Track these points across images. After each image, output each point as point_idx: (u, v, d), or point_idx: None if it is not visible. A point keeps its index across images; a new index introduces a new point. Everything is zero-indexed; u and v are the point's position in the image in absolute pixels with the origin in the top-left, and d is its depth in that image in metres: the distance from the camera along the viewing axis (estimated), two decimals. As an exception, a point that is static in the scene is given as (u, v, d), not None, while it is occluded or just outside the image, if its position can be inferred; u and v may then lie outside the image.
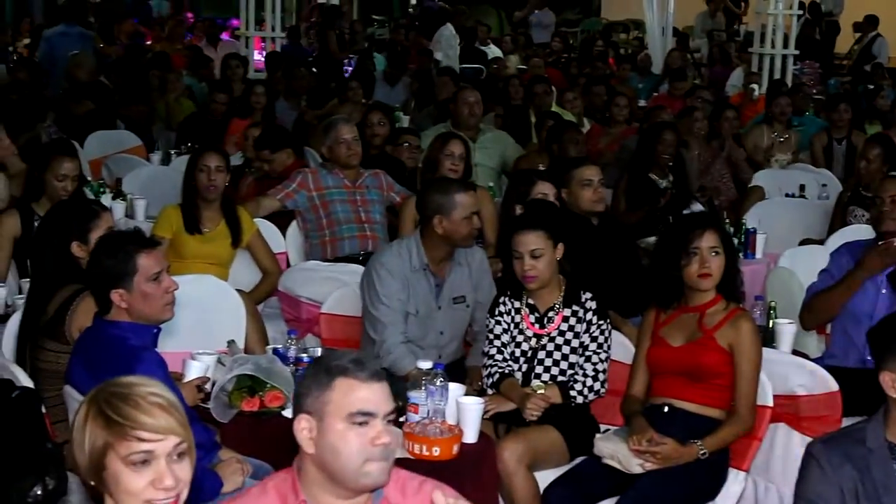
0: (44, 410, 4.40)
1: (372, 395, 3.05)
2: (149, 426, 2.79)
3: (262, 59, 15.13)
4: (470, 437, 4.58)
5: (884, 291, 5.73)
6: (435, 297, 5.65)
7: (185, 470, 2.85)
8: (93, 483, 2.85)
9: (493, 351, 5.26)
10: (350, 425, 3.02)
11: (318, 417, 3.05)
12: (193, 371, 4.86)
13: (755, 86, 14.69)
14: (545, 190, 6.33)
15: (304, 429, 3.08)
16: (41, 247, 5.24)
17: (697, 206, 8.18)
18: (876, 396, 3.87)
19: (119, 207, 7.97)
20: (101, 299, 4.40)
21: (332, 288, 6.15)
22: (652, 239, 6.81)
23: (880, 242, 5.71)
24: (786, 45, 15.58)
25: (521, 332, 5.25)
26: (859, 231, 7.10)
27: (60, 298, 4.94)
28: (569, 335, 5.20)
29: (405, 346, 5.48)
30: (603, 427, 5.20)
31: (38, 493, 3.57)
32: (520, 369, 5.23)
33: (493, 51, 18.21)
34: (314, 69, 14.21)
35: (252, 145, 8.54)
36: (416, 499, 3.17)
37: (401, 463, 3.86)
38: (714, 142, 10.10)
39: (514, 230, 5.29)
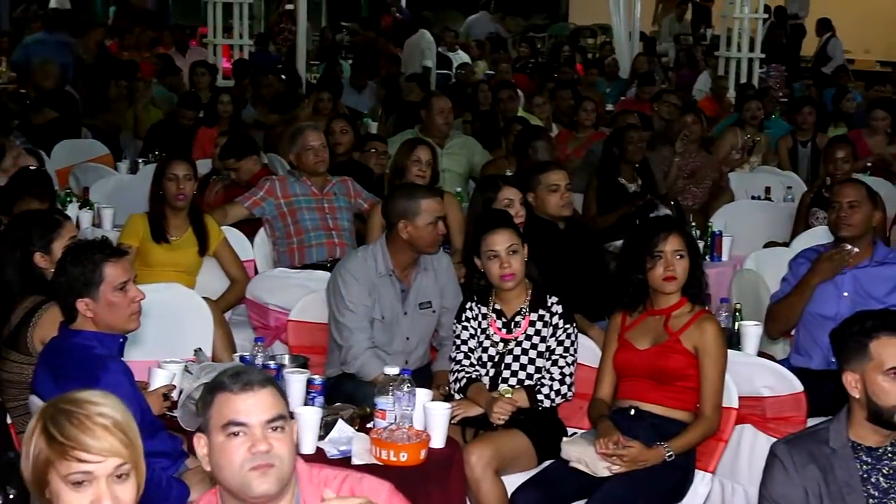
0: (8, 421, 4.38)
1: (243, 406, 3.06)
2: (88, 447, 2.77)
3: (230, 66, 15.10)
4: (437, 442, 4.58)
5: (846, 294, 5.78)
6: (401, 303, 5.65)
7: (126, 491, 2.82)
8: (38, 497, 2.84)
9: (461, 356, 5.26)
10: (227, 437, 3.06)
11: (207, 434, 3.12)
12: (159, 379, 4.85)
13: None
14: (511, 195, 6.33)
15: (201, 447, 3.14)
16: (2, 258, 5.20)
17: (664, 210, 8.21)
18: (840, 397, 3.90)
19: (86, 216, 7.94)
20: (66, 308, 4.39)
21: (299, 295, 6.14)
22: (619, 243, 6.82)
23: (832, 249, 5.77)
24: (752, 49, 15.66)
25: (488, 337, 5.26)
26: (822, 233, 7.13)
27: (22, 310, 4.92)
28: (535, 339, 5.21)
29: (372, 352, 5.48)
30: (570, 430, 5.21)
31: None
32: (487, 374, 5.24)
33: (461, 56, 18.23)
34: (283, 76, 14.17)
35: (217, 154, 8.53)
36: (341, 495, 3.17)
37: (368, 469, 3.88)
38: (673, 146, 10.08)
39: (484, 232, 5.29)
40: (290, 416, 3.17)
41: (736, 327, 5.87)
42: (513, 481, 4.91)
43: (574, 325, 5.27)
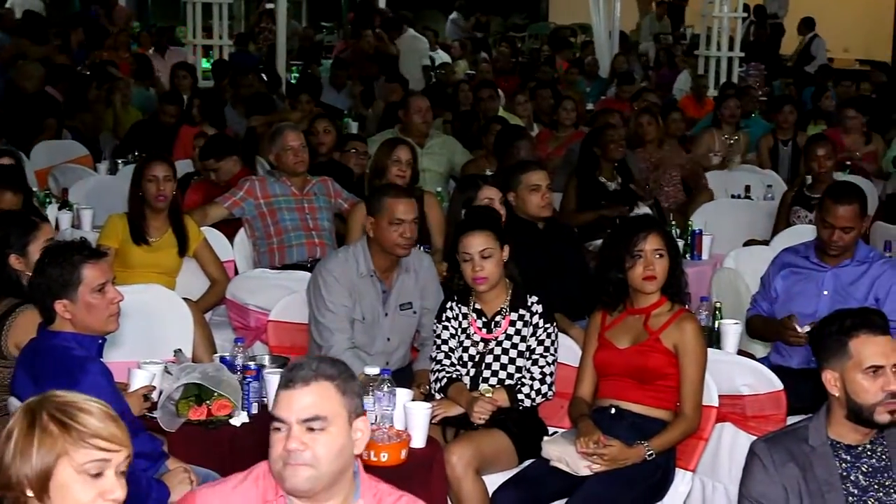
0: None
1: (284, 402, 3.10)
2: (108, 435, 2.78)
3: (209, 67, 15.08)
4: (418, 441, 4.59)
5: (826, 293, 5.80)
6: (382, 304, 5.66)
7: (124, 486, 2.83)
8: (26, 496, 2.80)
9: (441, 356, 5.27)
10: (272, 431, 3.10)
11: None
12: (139, 380, 4.84)
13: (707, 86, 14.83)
14: (490, 195, 6.34)
15: None
16: None
17: (643, 209, 8.22)
18: (820, 395, 3.91)
19: (65, 217, 7.91)
20: (44, 310, 4.37)
21: (280, 295, 6.13)
22: (598, 242, 6.83)
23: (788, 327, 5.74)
24: (731, 48, 15.69)
25: (468, 336, 5.27)
26: (804, 231, 7.16)
27: None
28: (516, 339, 5.21)
29: (352, 352, 5.48)
30: (551, 430, 5.22)
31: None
32: (467, 374, 5.24)
33: (441, 56, 18.23)
34: (263, 76, 14.16)
35: (197, 155, 8.51)
36: None
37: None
38: (664, 145, 10.12)
39: (460, 233, 5.31)
40: (355, 414, 3.13)
41: (716, 326, 5.88)
42: (494, 481, 4.91)
43: (554, 324, 5.28)
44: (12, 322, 4.81)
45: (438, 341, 5.30)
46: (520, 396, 5.16)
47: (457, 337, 5.28)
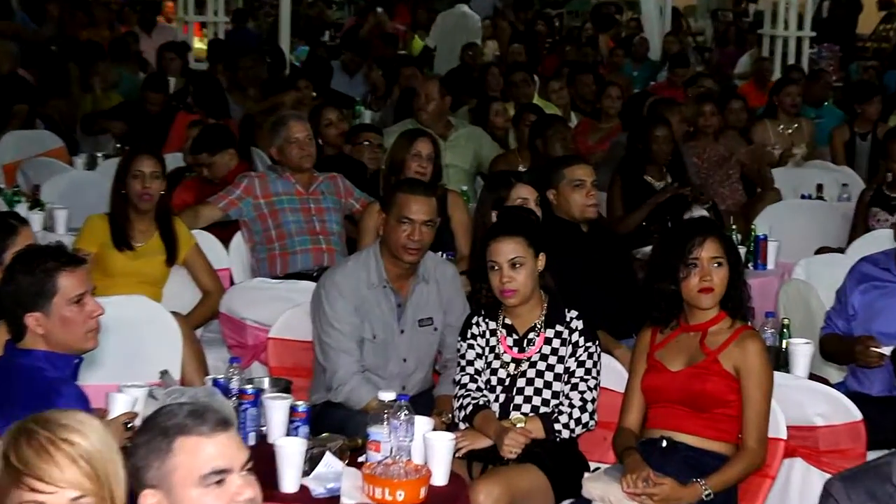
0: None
1: (221, 449, 3.01)
2: (42, 474, 2.75)
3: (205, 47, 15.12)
4: (439, 478, 4.57)
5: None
6: (396, 319, 5.64)
7: None
8: None
9: (466, 379, 5.25)
10: (205, 489, 2.99)
11: (167, 490, 3.00)
12: (120, 406, 4.81)
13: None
14: (525, 194, 6.32)
15: None
16: None
17: (699, 211, 8.20)
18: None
19: (37, 219, 7.91)
20: (13, 324, 4.37)
21: (281, 309, 6.13)
22: (648, 249, 6.81)
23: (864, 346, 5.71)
24: (800, 26, 15.64)
25: (497, 356, 5.25)
26: (883, 238, 7.11)
27: None
28: (552, 360, 5.20)
29: (361, 377, 5.47)
30: (592, 465, 5.21)
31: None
32: (496, 400, 5.22)
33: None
34: (267, 58, 14.18)
35: (189, 148, 8.52)
36: None
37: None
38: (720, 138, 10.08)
39: (489, 238, 5.29)
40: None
41: (783, 346, 5.86)
42: (527, 523, 4.90)
43: (597, 343, 5.26)
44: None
45: (463, 362, 5.29)
46: (557, 426, 5.14)
47: (484, 357, 5.27)
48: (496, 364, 5.25)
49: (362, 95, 13.92)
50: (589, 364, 5.20)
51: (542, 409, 5.17)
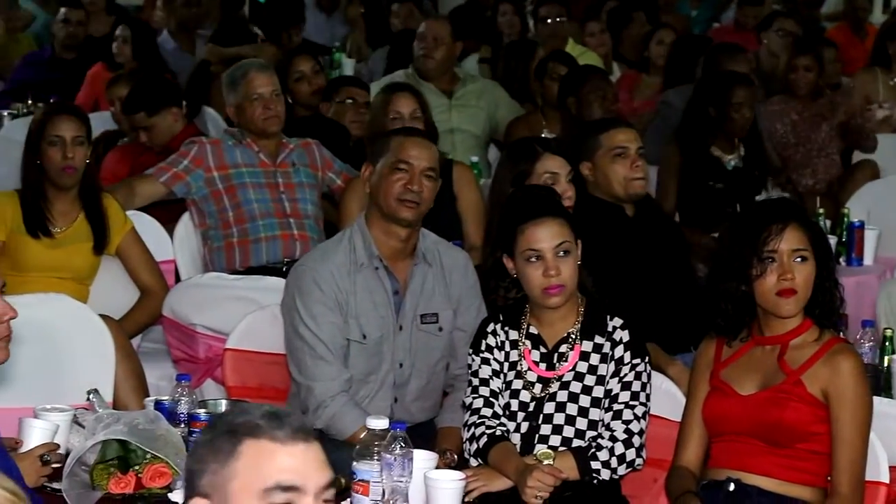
0: None
1: (294, 462, 3.03)
2: None
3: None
4: (444, 529, 4.61)
5: None
6: (394, 312, 5.63)
7: None
8: None
9: (479, 403, 5.27)
10: None
11: (220, 500, 3.02)
12: (36, 436, 4.85)
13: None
14: (554, 167, 6.28)
15: None
16: None
17: (776, 191, 8.21)
18: None
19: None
20: None
21: (241, 312, 6.16)
22: (712, 238, 6.83)
23: None
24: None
25: (519, 375, 5.27)
26: None
27: None
28: (589, 380, 5.21)
29: (346, 397, 5.48)
30: (640, 514, 5.24)
31: None
32: (518, 429, 5.24)
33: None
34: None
35: (120, 108, 8.55)
36: None
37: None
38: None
39: (522, 221, 5.24)
40: None
41: (885, 363, 5.88)
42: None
43: (646, 359, 5.28)
44: None
45: (475, 381, 5.30)
46: (594, 464, 5.15)
47: (503, 375, 5.28)
48: (518, 384, 5.26)
49: (342, 39, 13.93)
50: (636, 386, 5.21)
51: (576, 443, 5.19)
